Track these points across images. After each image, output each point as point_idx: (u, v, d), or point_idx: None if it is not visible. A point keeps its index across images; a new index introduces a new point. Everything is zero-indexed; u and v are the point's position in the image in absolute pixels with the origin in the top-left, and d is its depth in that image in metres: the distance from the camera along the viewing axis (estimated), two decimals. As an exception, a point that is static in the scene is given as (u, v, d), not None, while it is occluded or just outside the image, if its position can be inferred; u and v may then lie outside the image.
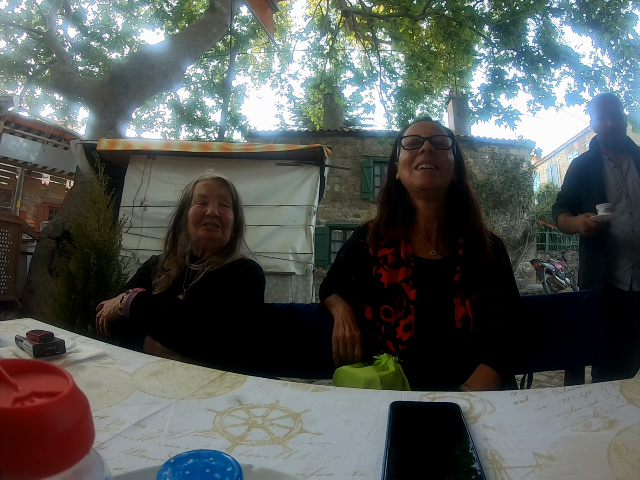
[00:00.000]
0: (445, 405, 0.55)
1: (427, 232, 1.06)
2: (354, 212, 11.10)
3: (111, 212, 2.68)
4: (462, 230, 1.03)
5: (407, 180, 1.03)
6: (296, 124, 20.53)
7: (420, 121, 1.10)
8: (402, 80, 7.84)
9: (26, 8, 7.51)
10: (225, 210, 1.23)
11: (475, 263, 1.00)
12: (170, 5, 8.31)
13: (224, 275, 1.17)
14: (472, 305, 0.95)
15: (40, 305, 3.91)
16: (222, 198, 1.23)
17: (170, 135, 10.06)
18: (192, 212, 1.21)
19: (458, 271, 0.99)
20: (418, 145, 1.01)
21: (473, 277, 0.98)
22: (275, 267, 3.61)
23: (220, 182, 1.25)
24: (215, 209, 1.19)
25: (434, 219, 1.05)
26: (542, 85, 6.01)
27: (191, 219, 1.20)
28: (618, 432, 0.46)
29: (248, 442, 0.46)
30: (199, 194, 1.22)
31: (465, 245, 1.01)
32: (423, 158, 0.99)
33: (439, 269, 1.01)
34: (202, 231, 1.19)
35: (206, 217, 1.19)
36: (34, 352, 0.72)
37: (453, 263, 1.01)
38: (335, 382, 0.96)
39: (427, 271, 1.01)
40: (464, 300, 0.96)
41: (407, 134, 1.05)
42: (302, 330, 1.24)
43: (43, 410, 0.18)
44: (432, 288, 0.99)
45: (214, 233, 1.20)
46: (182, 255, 1.23)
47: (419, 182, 0.99)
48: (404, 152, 1.04)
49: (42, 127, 8.14)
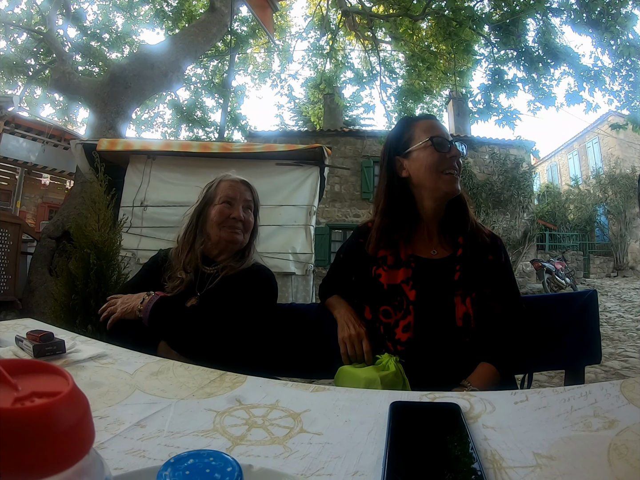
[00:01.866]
0: (445, 405, 0.55)
1: (428, 231, 1.05)
2: (354, 212, 11.10)
3: (111, 212, 2.68)
4: (460, 229, 1.02)
5: (429, 182, 0.99)
6: (296, 124, 20.55)
7: (429, 119, 1.05)
8: (402, 80, 7.85)
9: (26, 8, 7.52)
10: (248, 215, 1.21)
11: (474, 261, 0.99)
12: (170, 5, 8.33)
13: (239, 282, 1.14)
14: (472, 304, 0.94)
15: (40, 305, 3.91)
16: (247, 202, 1.22)
17: (170, 135, 10.08)
18: (217, 211, 1.17)
19: (458, 270, 0.98)
20: (447, 149, 0.98)
21: (473, 276, 0.97)
22: (275, 267, 3.61)
23: (246, 185, 1.24)
24: (241, 213, 1.18)
25: (435, 218, 1.04)
26: (542, 85, 6.01)
27: (214, 219, 1.17)
28: (618, 432, 0.46)
29: (248, 442, 0.46)
30: (226, 194, 1.19)
31: (464, 244, 1.01)
32: (452, 163, 0.97)
33: (439, 268, 1.00)
34: (226, 233, 1.16)
35: (231, 219, 1.17)
36: (34, 352, 0.72)
37: (453, 262, 1.00)
38: (336, 382, 0.96)
39: (428, 271, 0.99)
40: (464, 298, 0.95)
41: (435, 134, 0.99)
42: (302, 330, 1.24)
43: (43, 410, 0.18)
44: (432, 288, 0.98)
45: (237, 236, 1.17)
46: (197, 256, 1.19)
47: (447, 188, 0.97)
48: (430, 152, 0.98)
49: (42, 127, 8.14)
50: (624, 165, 14.10)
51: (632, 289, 9.23)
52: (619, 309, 6.66)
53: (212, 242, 1.19)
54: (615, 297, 8.09)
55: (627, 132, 7.48)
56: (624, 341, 4.34)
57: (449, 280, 0.98)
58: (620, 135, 11.01)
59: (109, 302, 1.10)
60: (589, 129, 16.15)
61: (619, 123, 6.17)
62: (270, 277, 1.21)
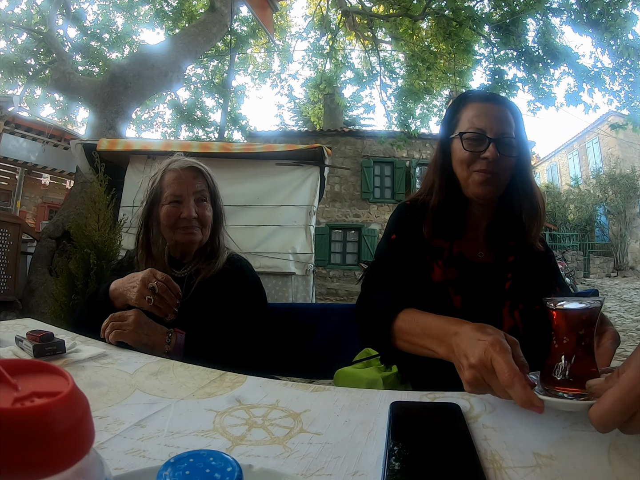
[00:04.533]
0: (445, 405, 0.55)
1: (476, 229, 0.91)
2: (354, 212, 11.11)
3: (111, 212, 2.68)
4: (513, 232, 0.89)
5: (461, 177, 0.87)
6: (296, 124, 20.56)
7: (487, 102, 0.85)
8: (402, 80, 7.85)
9: (26, 8, 7.52)
10: (203, 207, 1.05)
11: (527, 270, 0.88)
12: (170, 5, 8.33)
13: (221, 288, 1.02)
14: (520, 316, 0.85)
15: (40, 305, 3.91)
16: (199, 193, 1.05)
17: (170, 135, 10.09)
18: (165, 213, 1.02)
19: (509, 278, 0.87)
20: (481, 147, 0.82)
21: (525, 286, 0.87)
22: (275, 267, 3.62)
23: (194, 172, 1.06)
24: (192, 210, 1.01)
25: (484, 217, 0.91)
26: (542, 85, 6.02)
27: (164, 222, 1.03)
28: (618, 432, 0.46)
29: (248, 442, 0.46)
30: (172, 192, 1.02)
31: (517, 250, 0.89)
32: (485, 165, 0.81)
33: (486, 274, 0.88)
34: (180, 235, 1.02)
35: (182, 219, 1.01)
36: (34, 352, 0.72)
37: (503, 269, 0.88)
38: (336, 383, 0.94)
39: (474, 275, 0.87)
40: (512, 310, 0.85)
41: (469, 127, 0.84)
42: (302, 330, 1.24)
43: (43, 410, 0.18)
44: (478, 295, 0.86)
45: (193, 236, 1.03)
46: (160, 259, 1.04)
47: (476, 190, 0.84)
48: (461, 148, 0.84)
49: (42, 127, 8.14)
50: (624, 165, 14.11)
51: (632, 289, 9.23)
52: (619, 309, 6.66)
53: (169, 246, 1.06)
54: (615, 297, 8.09)
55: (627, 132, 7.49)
56: (624, 341, 4.34)
57: (497, 288, 0.87)
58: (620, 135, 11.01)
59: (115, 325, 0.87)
60: (589, 129, 16.15)
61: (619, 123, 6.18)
62: (250, 271, 1.10)
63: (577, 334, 0.49)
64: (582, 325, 0.49)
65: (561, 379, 0.48)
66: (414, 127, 7.88)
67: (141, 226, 1.08)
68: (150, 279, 0.87)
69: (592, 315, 0.49)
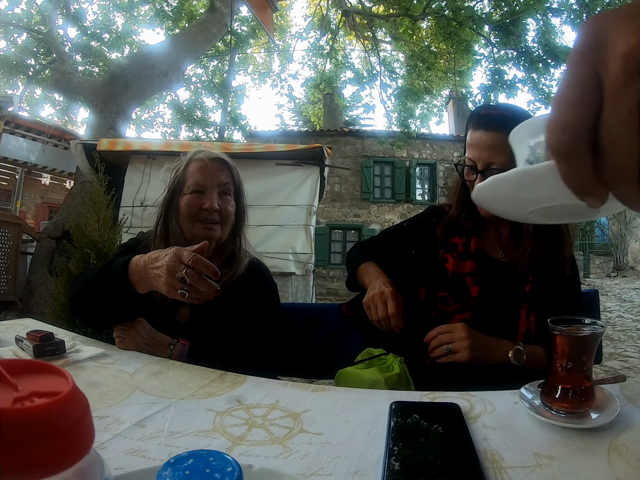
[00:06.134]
0: (445, 405, 0.55)
1: (499, 232, 0.97)
2: (354, 212, 11.11)
3: (111, 212, 2.68)
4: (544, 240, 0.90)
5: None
6: (296, 124, 20.55)
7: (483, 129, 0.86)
8: (402, 80, 7.85)
9: (26, 8, 7.51)
10: (226, 202, 1.00)
11: (548, 276, 0.90)
12: (170, 5, 8.32)
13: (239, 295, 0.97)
14: (536, 322, 0.87)
15: (40, 305, 3.91)
16: (224, 186, 1.00)
17: (170, 135, 10.08)
18: (186, 203, 0.97)
19: (530, 281, 0.90)
20: (473, 177, 0.88)
21: (544, 292, 0.89)
22: (275, 267, 3.62)
23: (219, 164, 1.02)
24: (214, 202, 0.96)
25: (506, 224, 0.95)
26: (542, 85, 6.02)
27: (184, 213, 0.98)
28: (618, 432, 0.46)
29: (248, 442, 0.46)
30: (195, 181, 0.98)
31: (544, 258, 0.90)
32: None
33: (506, 272, 0.92)
34: (199, 229, 0.97)
35: (203, 211, 0.96)
36: (34, 352, 0.72)
37: (525, 271, 0.91)
38: (338, 383, 0.94)
39: (494, 272, 0.93)
40: (528, 313, 0.88)
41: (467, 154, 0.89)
42: (302, 330, 1.24)
43: (43, 410, 0.18)
44: (496, 290, 0.91)
45: (213, 232, 0.98)
46: None
47: (479, 210, 0.91)
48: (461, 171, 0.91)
49: (42, 127, 8.14)
50: (624, 165, 14.08)
51: (632, 289, 9.23)
52: (619, 309, 6.66)
53: (187, 240, 0.98)
54: (615, 297, 8.09)
55: (627, 132, 7.47)
56: (624, 341, 4.35)
57: (517, 288, 0.90)
58: (620, 135, 10.99)
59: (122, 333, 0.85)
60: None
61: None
62: (272, 285, 1.07)
63: (577, 357, 0.53)
64: (582, 349, 0.53)
65: (559, 396, 0.53)
66: (414, 127, 7.89)
67: (160, 216, 1.02)
68: (177, 268, 0.74)
69: (593, 340, 0.54)
